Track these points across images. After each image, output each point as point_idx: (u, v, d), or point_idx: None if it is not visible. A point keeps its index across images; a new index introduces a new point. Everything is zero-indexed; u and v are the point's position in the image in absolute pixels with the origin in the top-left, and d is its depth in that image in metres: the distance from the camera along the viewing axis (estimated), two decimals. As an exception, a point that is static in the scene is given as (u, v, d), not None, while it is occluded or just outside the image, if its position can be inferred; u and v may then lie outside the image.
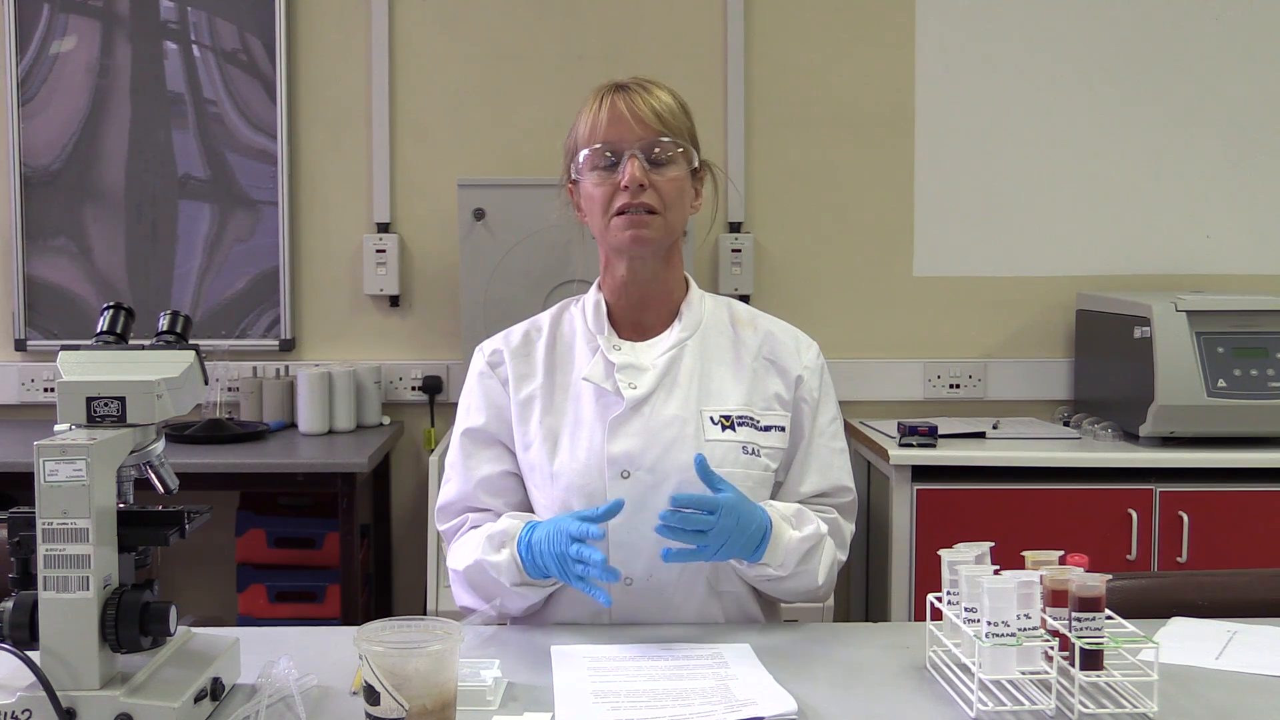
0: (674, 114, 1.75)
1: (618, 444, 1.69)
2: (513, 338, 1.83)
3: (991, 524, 2.91)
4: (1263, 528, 2.94)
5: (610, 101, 1.73)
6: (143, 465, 1.38)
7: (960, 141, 3.57)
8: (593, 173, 1.73)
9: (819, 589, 1.72)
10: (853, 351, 3.55)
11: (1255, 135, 3.58)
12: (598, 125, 1.73)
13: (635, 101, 1.72)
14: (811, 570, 1.69)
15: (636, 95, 1.73)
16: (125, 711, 1.23)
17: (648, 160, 1.72)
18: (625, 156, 1.71)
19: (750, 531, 1.61)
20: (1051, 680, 1.35)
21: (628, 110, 1.72)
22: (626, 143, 1.71)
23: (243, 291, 3.56)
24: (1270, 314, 3.07)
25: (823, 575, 1.71)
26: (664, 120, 1.73)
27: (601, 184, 1.72)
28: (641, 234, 1.71)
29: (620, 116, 1.72)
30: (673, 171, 1.73)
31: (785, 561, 1.66)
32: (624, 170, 1.70)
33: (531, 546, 1.62)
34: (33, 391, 3.55)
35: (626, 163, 1.70)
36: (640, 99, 1.73)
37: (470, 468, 1.77)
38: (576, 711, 1.35)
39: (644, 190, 1.70)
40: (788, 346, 1.81)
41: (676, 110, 1.76)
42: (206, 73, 3.52)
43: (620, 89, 1.75)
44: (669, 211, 1.73)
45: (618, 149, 1.72)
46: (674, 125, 1.74)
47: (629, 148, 1.71)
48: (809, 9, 3.56)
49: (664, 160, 1.72)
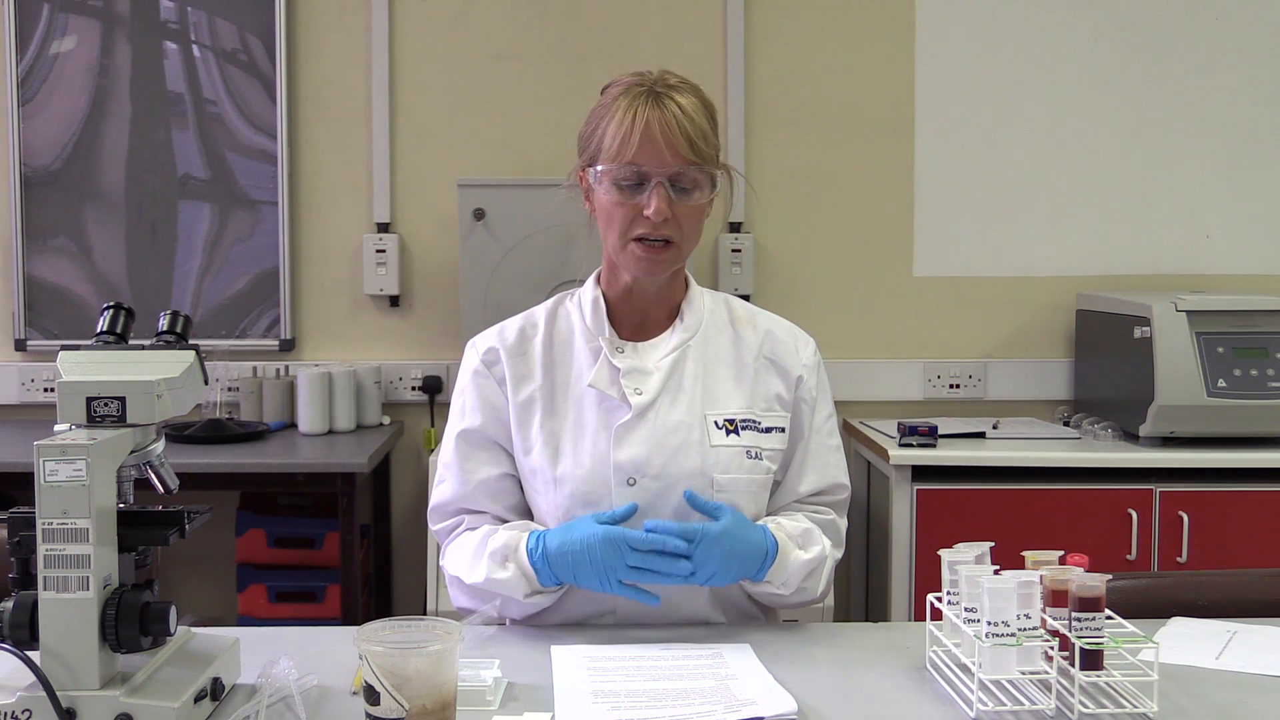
0: (706, 136, 1.66)
1: (624, 451, 1.67)
2: (507, 335, 1.79)
3: (991, 524, 2.91)
4: (1263, 528, 2.94)
5: (645, 119, 1.63)
6: (143, 465, 1.38)
7: (960, 141, 3.57)
8: (614, 188, 1.66)
9: (817, 597, 1.73)
10: (852, 351, 3.55)
11: (1255, 135, 3.58)
12: (628, 143, 1.63)
13: (669, 122, 1.62)
14: (812, 586, 1.70)
15: (671, 112, 1.63)
16: (125, 711, 1.23)
17: (674, 187, 1.65)
18: (652, 183, 1.63)
19: (746, 556, 1.62)
20: (1051, 680, 1.35)
21: (661, 133, 1.62)
22: (655, 170, 1.63)
23: (243, 291, 3.56)
24: (1270, 314, 3.07)
25: (822, 586, 1.72)
26: (695, 146, 1.64)
27: (622, 205, 1.66)
28: (657, 266, 1.69)
29: (653, 139, 1.62)
30: (696, 198, 1.67)
31: (789, 581, 1.66)
32: (649, 199, 1.63)
33: (552, 557, 1.61)
34: (33, 391, 3.55)
35: (653, 192, 1.63)
36: (675, 118, 1.63)
37: (468, 470, 1.75)
38: (576, 711, 1.34)
39: (667, 223, 1.65)
40: (787, 345, 1.80)
41: (707, 129, 1.66)
42: (206, 73, 3.52)
43: (653, 99, 1.64)
44: (686, 242, 1.69)
45: (645, 174, 1.64)
46: (704, 151, 1.65)
47: (657, 175, 1.63)
48: (809, 9, 3.56)
49: (690, 188, 1.66)
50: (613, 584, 1.57)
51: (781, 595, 1.68)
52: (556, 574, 1.61)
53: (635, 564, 1.56)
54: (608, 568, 1.56)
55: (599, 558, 1.57)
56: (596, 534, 1.57)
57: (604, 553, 1.56)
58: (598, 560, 1.57)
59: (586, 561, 1.57)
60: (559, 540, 1.61)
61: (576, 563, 1.58)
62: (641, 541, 1.56)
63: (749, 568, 1.63)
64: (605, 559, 1.56)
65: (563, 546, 1.60)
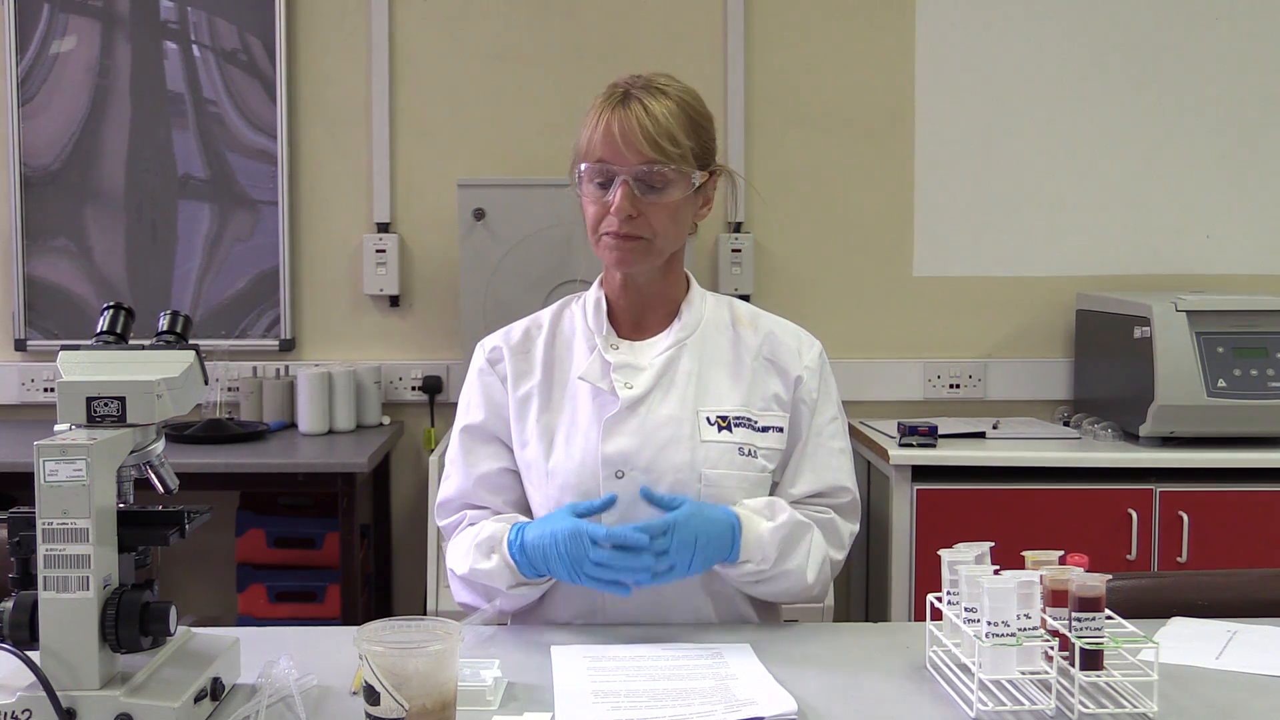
0: (673, 135, 1.65)
1: (612, 444, 1.68)
2: (513, 335, 1.82)
3: (991, 524, 2.91)
4: (1263, 528, 2.94)
5: (607, 119, 1.66)
6: (143, 465, 1.38)
7: (960, 141, 3.57)
8: (588, 186, 1.70)
9: (811, 587, 1.71)
10: (853, 351, 3.56)
11: (1255, 135, 3.58)
12: (594, 142, 1.67)
13: (632, 122, 1.65)
14: (798, 567, 1.68)
15: (636, 113, 1.65)
16: (125, 711, 1.23)
17: (640, 185, 1.66)
18: (616, 180, 1.66)
19: (716, 535, 1.62)
20: (1051, 680, 1.35)
21: (620, 133, 1.65)
22: (618, 167, 1.66)
23: (243, 291, 3.56)
24: (1270, 314, 3.07)
25: (813, 573, 1.70)
26: (659, 145, 1.64)
27: (594, 202, 1.69)
28: (627, 260, 1.70)
29: (612, 139, 1.65)
30: (669, 196, 1.68)
31: (765, 554, 1.65)
32: (613, 196, 1.66)
33: (528, 549, 1.62)
34: (33, 391, 3.55)
35: (617, 188, 1.66)
36: (639, 118, 1.65)
37: (469, 464, 1.77)
38: (576, 711, 1.34)
39: (632, 220, 1.67)
40: (789, 347, 1.80)
41: (678, 128, 1.67)
42: (206, 73, 3.52)
43: (623, 101, 1.67)
44: (659, 238, 1.69)
45: (610, 171, 1.67)
46: (670, 150, 1.65)
47: (620, 172, 1.66)
48: (809, 9, 3.56)
49: (659, 185, 1.67)
50: (581, 576, 1.58)
51: (764, 574, 1.66)
52: (534, 565, 1.62)
53: (598, 560, 1.56)
54: (574, 560, 1.57)
55: (564, 550, 1.57)
56: (564, 527, 1.59)
57: (569, 546, 1.57)
58: (564, 553, 1.58)
59: (555, 554, 1.58)
60: (535, 532, 1.62)
61: (546, 555, 1.59)
62: (603, 537, 1.56)
63: (720, 548, 1.62)
64: (570, 552, 1.57)
65: (537, 539, 1.61)
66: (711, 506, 1.65)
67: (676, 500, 1.62)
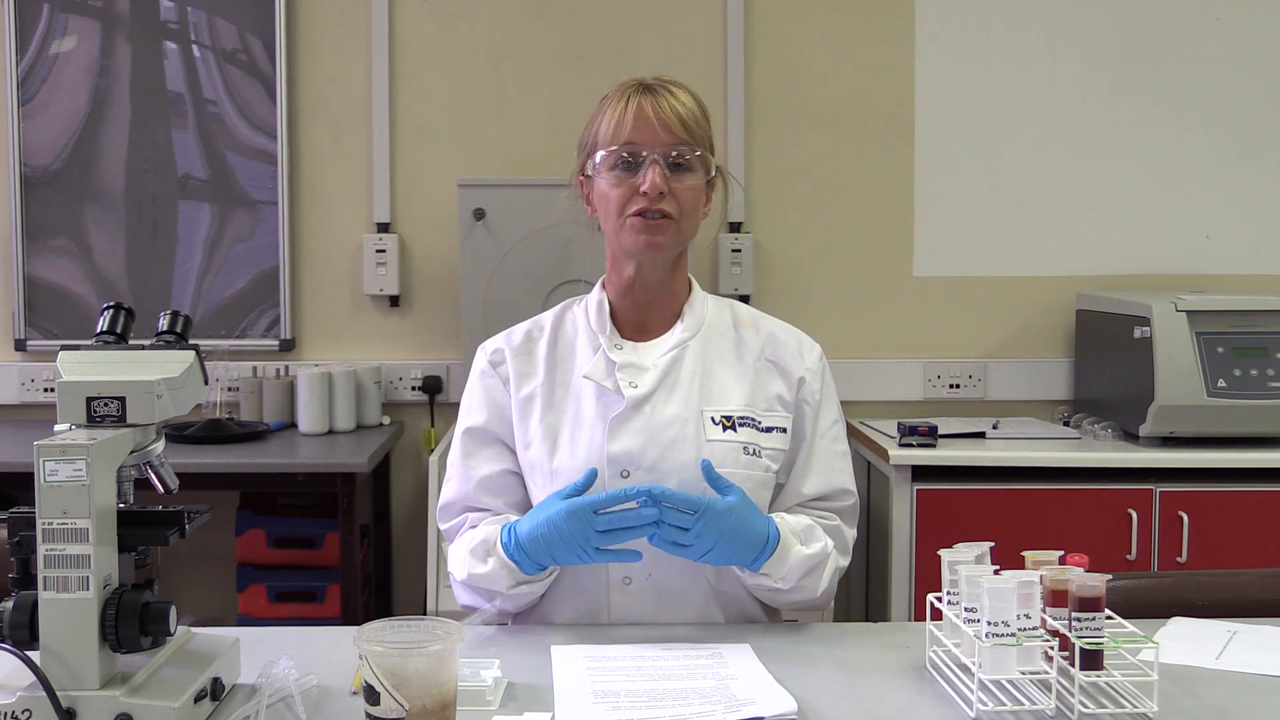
0: (697, 121, 1.74)
1: (618, 443, 1.69)
2: (515, 337, 1.83)
3: (991, 524, 2.91)
4: (1263, 528, 2.94)
5: (636, 103, 1.72)
6: (143, 465, 1.38)
7: (960, 141, 3.57)
8: (611, 172, 1.72)
9: (818, 599, 1.72)
10: (853, 351, 3.55)
11: (1255, 135, 3.58)
12: (622, 125, 1.71)
13: (661, 105, 1.71)
14: (812, 585, 1.69)
15: (663, 98, 1.72)
16: (125, 711, 1.23)
17: (668, 165, 1.71)
18: (647, 160, 1.70)
19: (747, 539, 1.61)
20: (1051, 680, 1.35)
21: (653, 113, 1.71)
22: (649, 147, 1.70)
23: (243, 291, 3.56)
24: (1270, 314, 3.07)
25: (823, 588, 1.71)
26: (688, 127, 1.72)
27: (619, 185, 1.72)
28: (656, 240, 1.71)
29: (645, 119, 1.71)
30: (691, 179, 1.73)
31: (787, 576, 1.66)
32: (644, 175, 1.69)
33: (526, 544, 1.61)
34: (33, 391, 3.55)
35: (648, 167, 1.70)
36: (666, 102, 1.72)
37: (470, 467, 1.77)
38: (576, 711, 1.35)
39: (663, 197, 1.70)
40: (790, 348, 1.81)
41: (699, 116, 1.75)
42: (206, 73, 3.52)
43: (646, 90, 1.73)
44: (684, 220, 1.73)
45: (639, 152, 1.71)
46: (697, 133, 1.73)
47: (651, 152, 1.70)
48: (809, 9, 3.56)
49: (684, 167, 1.72)
50: (590, 553, 1.58)
51: (779, 590, 1.67)
52: (535, 559, 1.62)
53: (603, 527, 1.56)
54: (579, 539, 1.57)
55: (567, 532, 1.57)
56: (560, 510, 1.58)
57: (570, 526, 1.57)
58: (566, 535, 1.58)
59: (557, 539, 1.58)
60: (528, 526, 1.62)
61: (549, 543, 1.59)
62: (604, 501, 1.56)
63: (746, 553, 1.62)
64: (573, 531, 1.57)
65: (533, 531, 1.61)
66: (758, 513, 1.65)
67: (731, 488, 1.62)
